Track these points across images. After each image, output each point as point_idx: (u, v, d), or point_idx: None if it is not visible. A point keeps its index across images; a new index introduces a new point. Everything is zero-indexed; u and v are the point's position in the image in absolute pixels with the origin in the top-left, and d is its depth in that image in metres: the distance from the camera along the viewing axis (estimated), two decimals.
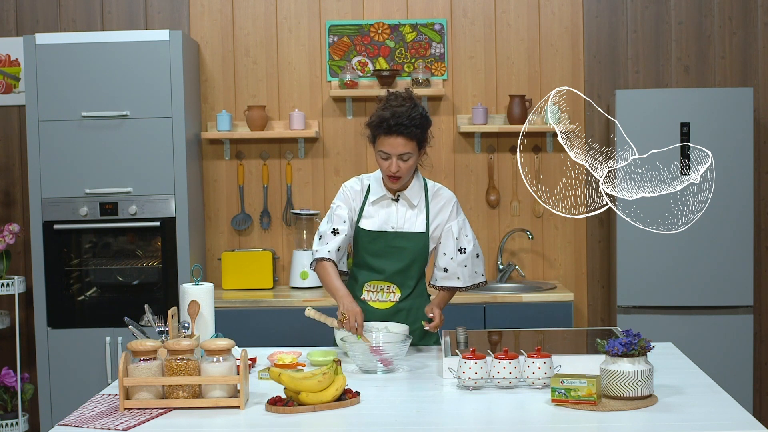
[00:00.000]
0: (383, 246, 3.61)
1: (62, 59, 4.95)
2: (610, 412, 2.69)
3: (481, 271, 3.69)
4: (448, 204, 3.65)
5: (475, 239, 3.69)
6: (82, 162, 4.99)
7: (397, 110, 3.47)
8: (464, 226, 3.67)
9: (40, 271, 5.00)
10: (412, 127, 3.46)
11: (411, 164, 3.53)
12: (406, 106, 3.48)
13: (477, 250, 3.68)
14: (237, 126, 5.47)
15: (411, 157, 3.51)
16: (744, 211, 5.09)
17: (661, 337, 4.72)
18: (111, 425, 2.66)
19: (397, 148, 3.48)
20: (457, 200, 3.71)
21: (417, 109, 3.50)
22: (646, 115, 5.08)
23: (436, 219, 3.63)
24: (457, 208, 3.68)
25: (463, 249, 3.63)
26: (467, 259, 3.63)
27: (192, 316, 3.24)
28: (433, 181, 3.73)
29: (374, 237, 3.61)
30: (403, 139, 3.47)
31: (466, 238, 3.65)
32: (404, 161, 3.50)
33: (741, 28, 5.42)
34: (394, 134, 3.46)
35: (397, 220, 3.61)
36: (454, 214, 3.65)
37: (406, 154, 3.49)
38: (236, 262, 5.30)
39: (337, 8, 5.47)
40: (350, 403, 2.84)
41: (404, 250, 3.60)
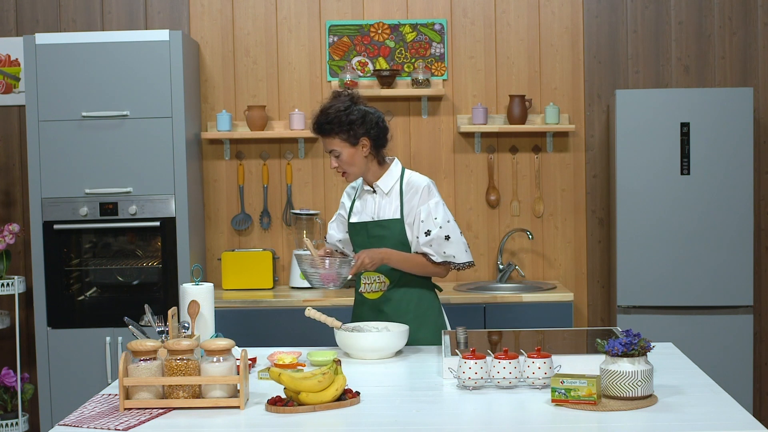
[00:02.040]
0: (365, 237, 3.76)
1: (62, 59, 4.95)
2: (610, 412, 2.69)
3: (453, 252, 3.68)
4: (418, 189, 3.71)
5: (447, 222, 3.68)
6: (82, 162, 4.99)
7: (320, 109, 3.69)
8: (435, 209, 3.68)
9: (40, 271, 5.00)
10: (325, 125, 3.66)
11: (346, 158, 3.66)
12: (326, 105, 3.69)
13: (447, 232, 3.67)
14: (237, 126, 5.47)
15: (342, 152, 3.66)
16: (744, 211, 5.09)
17: (661, 337, 4.72)
18: (111, 425, 2.66)
19: (326, 146, 3.70)
20: (430, 185, 3.72)
21: (336, 106, 3.66)
22: (646, 115, 5.08)
23: (409, 205, 3.70)
24: (429, 192, 3.70)
25: (428, 231, 3.67)
26: (432, 240, 3.67)
27: (192, 316, 3.24)
28: (412, 171, 3.80)
29: (358, 229, 3.77)
30: (326, 137, 3.68)
31: (434, 221, 3.67)
32: (336, 157, 3.68)
33: (741, 28, 5.42)
34: (318, 134, 3.70)
35: (374, 210, 3.74)
36: (425, 197, 3.69)
37: (333, 151, 3.68)
38: (236, 262, 5.30)
39: (337, 8, 5.47)
40: (350, 403, 2.84)
41: (383, 239, 3.72)
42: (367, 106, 3.72)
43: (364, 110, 3.69)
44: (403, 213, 3.70)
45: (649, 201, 5.11)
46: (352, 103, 3.68)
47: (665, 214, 5.10)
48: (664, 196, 5.10)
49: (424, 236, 3.66)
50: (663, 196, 5.10)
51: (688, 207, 5.10)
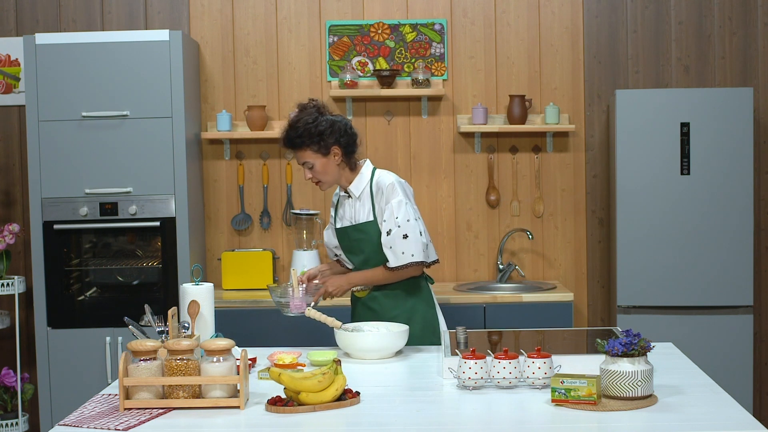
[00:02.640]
0: (347, 241, 3.86)
1: (62, 59, 4.95)
2: (610, 412, 2.69)
3: (411, 251, 3.70)
4: (384, 189, 3.75)
5: (408, 220, 3.70)
6: (82, 162, 4.98)
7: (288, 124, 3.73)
8: (397, 208, 3.71)
9: (40, 271, 5.00)
10: (296, 138, 3.70)
11: (319, 169, 3.73)
12: (293, 119, 3.73)
13: (406, 230, 3.69)
14: (237, 126, 5.47)
15: (314, 163, 3.72)
16: (744, 211, 5.09)
17: (661, 337, 4.72)
18: (111, 425, 2.66)
19: (298, 159, 3.76)
20: (394, 183, 3.75)
21: (303, 117, 3.70)
22: (646, 115, 5.08)
23: (379, 205, 3.76)
24: (392, 191, 3.73)
25: (389, 231, 3.71)
26: (392, 240, 3.70)
27: (192, 316, 3.24)
28: (382, 170, 3.84)
29: (342, 234, 3.87)
30: (297, 150, 3.74)
31: (394, 221, 3.70)
32: (309, 168, 3.74)
33: (741, 28, 5.42)
34: (289, 148, 3.75)
35: (352, 215, 3.81)
36: (389, 196, 3.73)
37: (306, 163, 3.74)
38: (236, 262, 5.30)
39: (337, 8, 5.47)
40: (350, 403, 2.84)
41: (361, 241, 3.80)
42: (333, 115, 3.77)
43: (331, 119, 3.73)
44: (375, 214, 3.76)
45: (649, 201, 5.11)
46: (319, 114, 3.73)
47: (665, 214, 5.10)
48: (664, 196, 5.10)
49: (386, 236, 3.71)
50: (663, 196, 5.10)
51: (688, 207, 5.10)
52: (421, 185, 5.50)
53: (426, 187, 5.51)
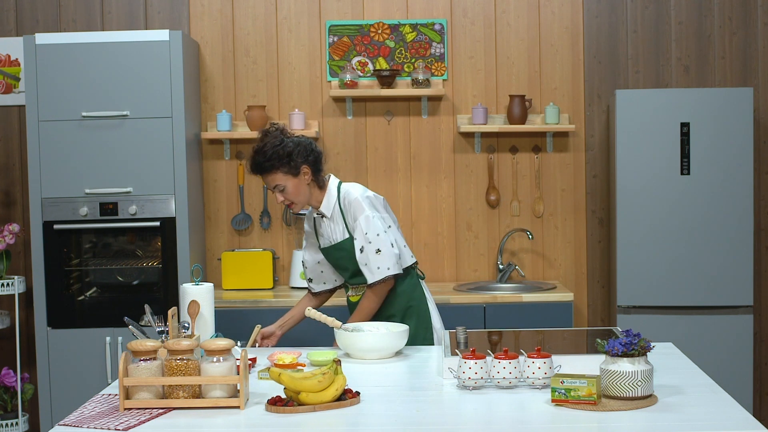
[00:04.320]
0: (333, 259, 3.88)
1: (62, 59, 4.95)
2: (610, 412, 2.69)
3: (386, 264, 3.70)
4: (351, 205, 3.74)
5: (377, 234, 3.69)
6: (82, 162, 4.99)
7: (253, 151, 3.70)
8: (365, 224, 3.71)
9: (40, 271, 5.00)
10: (265, 164, 3.67)
11: (291, 190, 3.70)
12: (260, 144, 3.69)
13: (378, 245, 3.69)
14: (237, 126, 5.47)
15: (286, 185, 3.69)
16: (744, 211, 5.09)
17: (661, 337, 4.72)
18: (111, 425, 2.66)
19: (269, 183, 3.73)
20: (362, 197, 3.74)
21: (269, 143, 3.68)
22: (646, 115, 5.08)
23: (350, 222, 3.76)
24: (359, 207, 3.72)
25: (362, 248, 3.71)
26: (366, 257, 3.71)
27: (192, 316, 3.24)
28: (347, 184, 3.81)
29: (326, 253, 3.88)
30: (266, 174, 3.70)
31: (364, 236, 3.70)
32: (281, 191, 3.71)
33: (741, 28, 5.42)
34: (258, 174, 3.72)
35: (330, 235, 3.81)
36: (357, 213, 3.72)
37: (277, 186, 3.71)
38: (236, 262, 5.30)
39: (337, 8, 5.47)
40: (350, 403, 2.84)
41: (343, 259, 3.82)
42: (296, 136, 3.76)
43: (297, 140, 3.73)
44: (350, 231, 3.76)
45: (649, 201, 5.11)
46: (284, 136, 3.71)
47: (665, 214, 5.10)
48: (664, 196, 5.10)
49: (359, 253, 3.71)
50: (663, 196, 5.10)
51: (688, 207, 5.10)
52: (421, 185, 5.50)
53: (426, 187, 5.51)
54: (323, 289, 3.99)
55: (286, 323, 3.94)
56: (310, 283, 4.00)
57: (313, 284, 3.99)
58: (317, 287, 3.98)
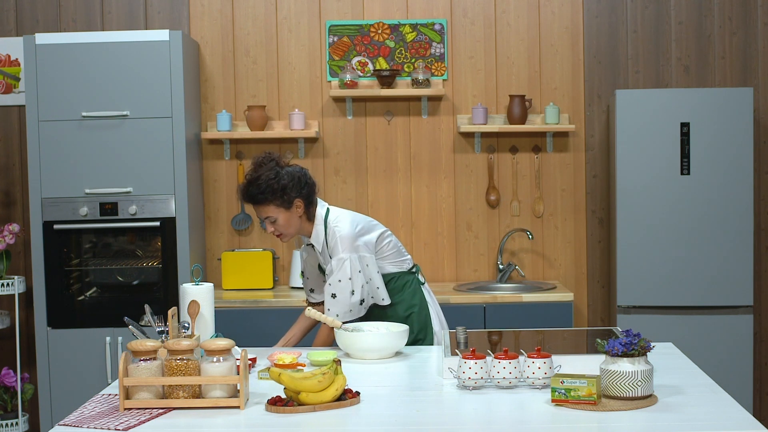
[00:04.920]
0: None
1: (62, 59, 4.95)
2: (610, 412, 2.69)
3: (336, 311, 3.67)
4: (334, 242, 3.71)
5: (339, 280, 3.67)
6: (82, 162, 4.99)
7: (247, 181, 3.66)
8: (336, 264, 3.68)
9: (40, 271, 5.00)
10: (258, 195, 3.64)
11: (282, 223, 3.67)
12: (254, 175, 3.65)
13: (335, 290, 3.67)
14: (237, 126, 5.47)
15: (277, 217, 3.66)
16: (744, 211, 5.09)
17: (661, 337, 4.72)
18: (111, 425, 2.66)
19: (260, 214, 3.70)
20: (345, 236, 3.69)
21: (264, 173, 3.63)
22: (646, 115, 5.08)
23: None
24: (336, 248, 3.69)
25: (328, 284, 3.71)
26: (326, 293, 3.71)
27: (192, 316, 3.24)
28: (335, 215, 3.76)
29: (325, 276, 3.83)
30: (258, 206, 3.67)
31: (330, 276, 3.69)
32: (272, 222, 3.68)
33: (741, 28, 5.42)
34: (250, 204, 3.69)
35: (324, 263, 3.79)
36: (336, 252, 3.69)
37: (268, 218, 3.68)
38: (236, 262, 5.30)
39: (337, 8, 5.47)
40: (350, 403, 2.84)
41: None
42: (292, 167, 3.73)
43: (291, 172, 3.68)
44: None
45: (649, 201, 5.11)
46: (279, 168, 3.67)
47: (665, 214, 5.10)
48: (664, 196, 5.10)
49: (327, 286, 3.70)
50: (663, 196, 5.10)
51: (688, 207, 5.10)
52: (421, 185, 5.50)
53: (426, 187, 5.51)
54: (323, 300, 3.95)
55: (289, 342, 3.91)
56: (311, 293, 3.95)
57: (314, 294, 3.94)
58: (320, 297, 3.93)
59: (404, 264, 3.89)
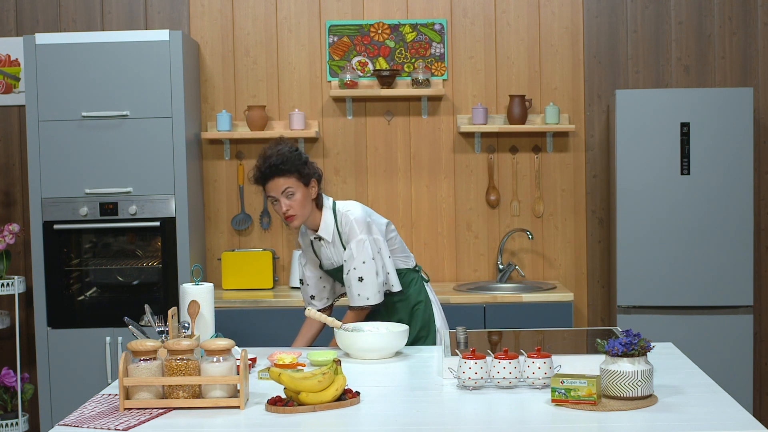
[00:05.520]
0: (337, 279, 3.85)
1: (62, 59, 4.95)
2: (610, 412, 2.69)
3: (366, 294, 3.66)
4: (349, 226, 3.69)
5: (362, 261, 3.65)
6: (82, 162, 4.99)
7: (266, 154, 3.62)
8: (356, 247, 3.66)
9: (40, 271, 5.00)
10: (282, 165, 3.58)
11: (300, 199, 3.60)
12: (273, 149, 3.63)
13: (363, 273, 3.65)
14: (237, 126, 5.47)
15: (296, 192, 3.60)
16: (744, 211, 5.09)
17: (661, 337, 4.72)
18: (111, 425, 2.66)
19: (278, 187, 3.59)
20: (358, 219, 3.69)
21: (284, 147, 3.63)
22: (646, 115, 5.08)
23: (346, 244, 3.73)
24: (353, 231, 3.68)
25: (348, 271, 3.69)
26: (349, 281, 3.69)
27: (192, 316, 3.24)
28: (343, 204, 3.76)
29: (329, 273, 3.85)
30: (280, 177, 3.59)
31: (353, 260, 3.66)
32: (289, 198, 3.60)
33: (741, 28, 5.42)
34: (271, 177, 3.60)
35: (331, 257, 3.77)
36: (352, 235, 3.68)
37: (288, 189, 3.59)
38: (236, 262, 5.30)
39: (337, 8, 5.47)
40: (350, 403, 2.84)
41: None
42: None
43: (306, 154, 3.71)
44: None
45: (649, 201, 5.11)
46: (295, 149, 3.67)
47: (665, 214, 5.10)
48: (664, 196, 5.10)
49: (346, 274, 3.69)
50: (663, 196, 5.10)
51: (688, 207, 5.10)
52: (421, 185, 5.51)
53: (426, 187, 5.51)
54: (326, 305, 3.91)
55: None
56: (312, 301, 3.90)
57: (315, 301, 3.89)
58: (320, 304, 3.89)
59: (409, 261, 3.90)
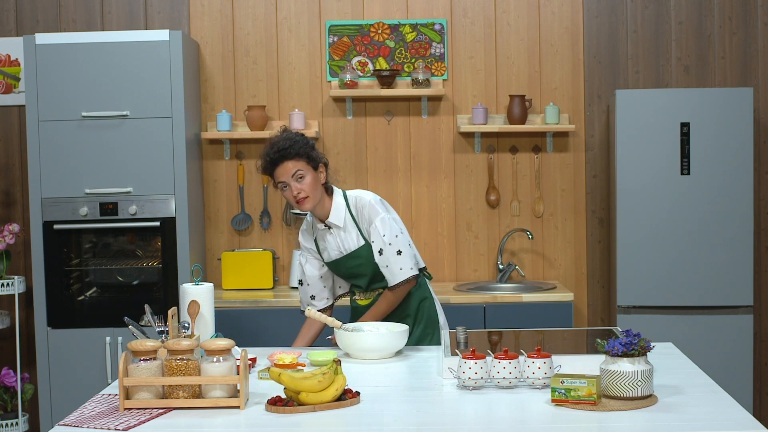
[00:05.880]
0: (345, 270, 3.80)
1: (62, 59, 4.95)
2: (610, 412, 2.69)
3: (409, 265, 3.69)
4: (365, 209, 3.71)
5: (395, 236, 3.68)
6: (82, 162, 4.99)
7: (273, 141, 3.65)
8: (381, 225, 3.68)
9: (40, 271, 5.00)
10: (290, 148, 3.61)
11: (310, 182, 3.62)
12: (281, 136, 3.67)
13: (398, 246, 3.68)
14: (237, 126, 5.47)
15: (306, 175, 3.62)
16: (744, 211, 5.09)
17: (661, 337, 4.71)
18: (111, 425, 2.66)
19: (288, 171, 3.61)
20: (375, 200, 3.73)
21: (291, 133, 3.67)
22: (646, 115, 5.08)
23: (365, 227, 3.73)
24: (372, 210, 3.70)
25: (381, 250, 3.69)
26: (386, 259, 3.69)
27: (192, 316, 3.24)
28: (353, 191, 3.79)
29: (335, 265, 3.81)
30: (289, 161, 3.61)
31: (382, 239, 3.68)
32: (299, 181, 3.61)
33: (741, 28, 5.42)
34: (280, 162, 3.62)
35: (341, 245, 3.75)
36: (374, 214, 3.70)
37: (297, 172, 3.61)
38: (236, 262, 5.30)
39: (337, 8, 5.47)
40: (350, 403, 2.84)
41: (361, 266, 3.76)
42: None
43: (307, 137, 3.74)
44: (365, 237, 3.72)
45: (649, 201, 5.11)
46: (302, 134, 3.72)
47: (665, 214, 5.10)
48: (664, 196, 5.10)
49: (379, 256, 3.69)
50: (663, 196, 5.10)
51: (688, 207, 5.10)
52: (421, 185, 5.50)
53: (426, 187, 5.51)
54: (326, 305, 3.89)
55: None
56: (312, 301, 3.87)
57: (316, 301, 3.87)
58: (321, 304, 3.87)
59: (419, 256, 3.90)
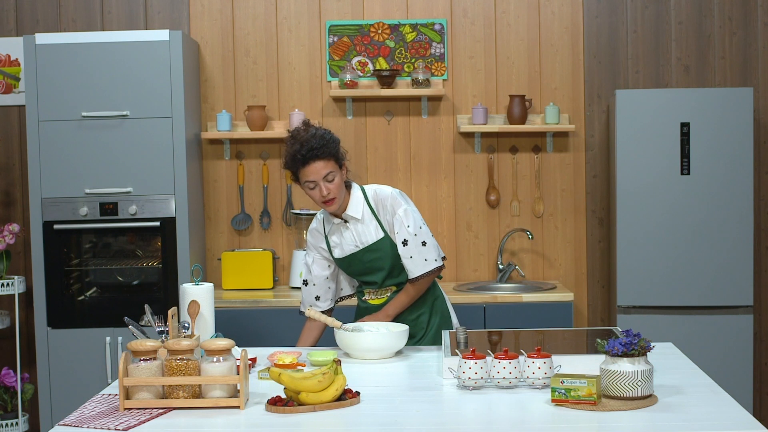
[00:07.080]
0: (360, 266, 3.75)
1: (62, 59, 4.95)
2: (610, 412, 2.69)
3: (434, 256, 3.68)
4: (386, 201, 3.69)
5: (419, 227, 3.67)
6: (82, 162, 4.99)
7: (304, 138, 3.56)
8: (405, 216, 3.67)
9: (40, 271, 5.00)
10: (322, 147, 3.54)
11: (338, 182, 3.59)
12: (309, 133, 3.57)
13: (423, 237, 3.67)
14: (237, 126, 5.47)
15: (335, 176, 3.58)
16: (744, 211, 5.09)
17: (661, 337, 4.72)
18: (111, 425, 2.66)
19: (319, 172, 3.55)
20: (396, 192, 3.72)
21: (320, 130, 3.59)
22: (646, 115, 5.08)
23: (385, 219, 3.70)
24: (395, 202, 3.69)
25: (405, 241, 3.67)
26: (411, 249, 3.66)
27: (192, 316, 3.24)
28: (370, 185, 3.77)
29: (348, 262, 3.75)
30: (321, 161, 3.55)
31: (407, 230, 3.66)
32: (330, 182, 3.58)
33: (741, 28, 5.42)
34: (311, 161, 3.55)
35: (357, 239, 3.71)
36: (395, 208, 3.68)
37: (329, 174, 3.57)
38: (236, 262, 5.30)
39: (337, 8, 5.47)
40: (350, 403, 2.84)
41: (379, 260, 3.72)
42: None
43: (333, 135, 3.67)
44: (385, 229, 3.70)
45: (649, 201, 5.11)
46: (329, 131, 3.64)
47: (665, 214, 5.10)
48: (664, 196, 5.10)
49: (402, 247, 3.67)
50: (663, 196, 5.10)
51: (688, 207, 5.10)
52: (421, 185, 5.50)
53: (426, 187, 5.51)
54: (329, 307, 3.86)
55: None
56: (317, 302, 3.82)
57: (320, 302, 3.82)
58: (324, 305, 3.84)
59: None
